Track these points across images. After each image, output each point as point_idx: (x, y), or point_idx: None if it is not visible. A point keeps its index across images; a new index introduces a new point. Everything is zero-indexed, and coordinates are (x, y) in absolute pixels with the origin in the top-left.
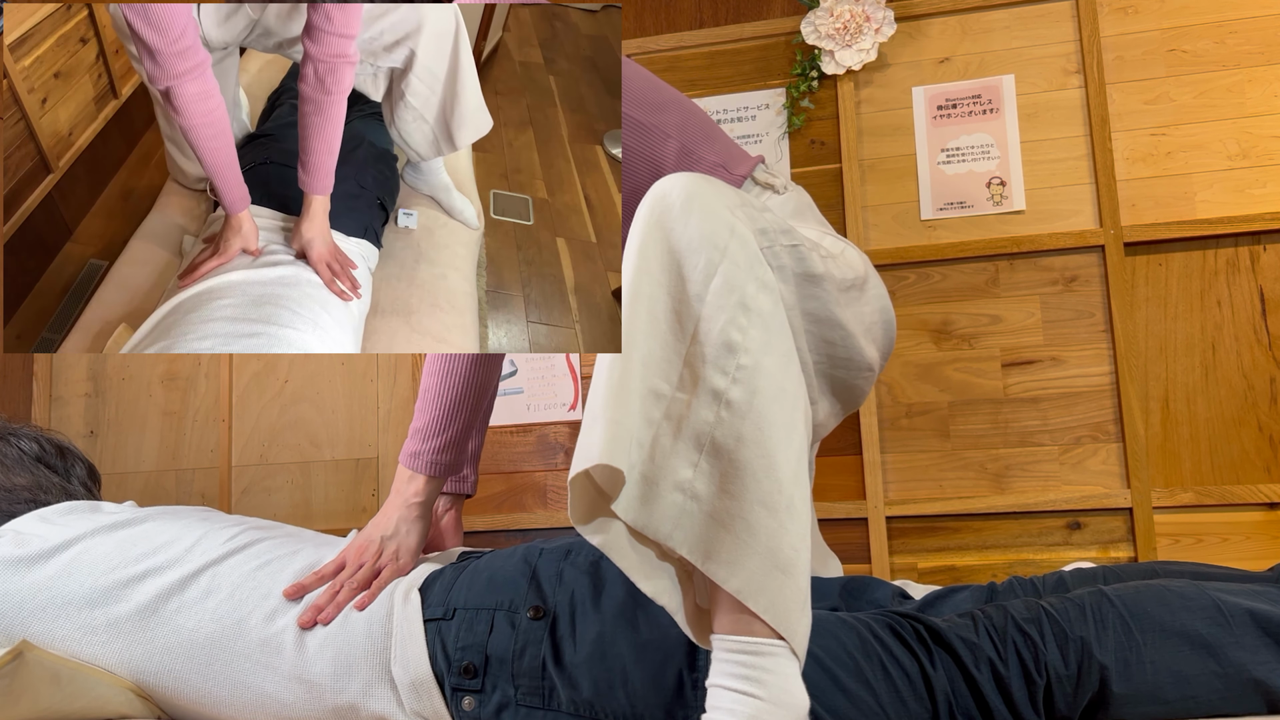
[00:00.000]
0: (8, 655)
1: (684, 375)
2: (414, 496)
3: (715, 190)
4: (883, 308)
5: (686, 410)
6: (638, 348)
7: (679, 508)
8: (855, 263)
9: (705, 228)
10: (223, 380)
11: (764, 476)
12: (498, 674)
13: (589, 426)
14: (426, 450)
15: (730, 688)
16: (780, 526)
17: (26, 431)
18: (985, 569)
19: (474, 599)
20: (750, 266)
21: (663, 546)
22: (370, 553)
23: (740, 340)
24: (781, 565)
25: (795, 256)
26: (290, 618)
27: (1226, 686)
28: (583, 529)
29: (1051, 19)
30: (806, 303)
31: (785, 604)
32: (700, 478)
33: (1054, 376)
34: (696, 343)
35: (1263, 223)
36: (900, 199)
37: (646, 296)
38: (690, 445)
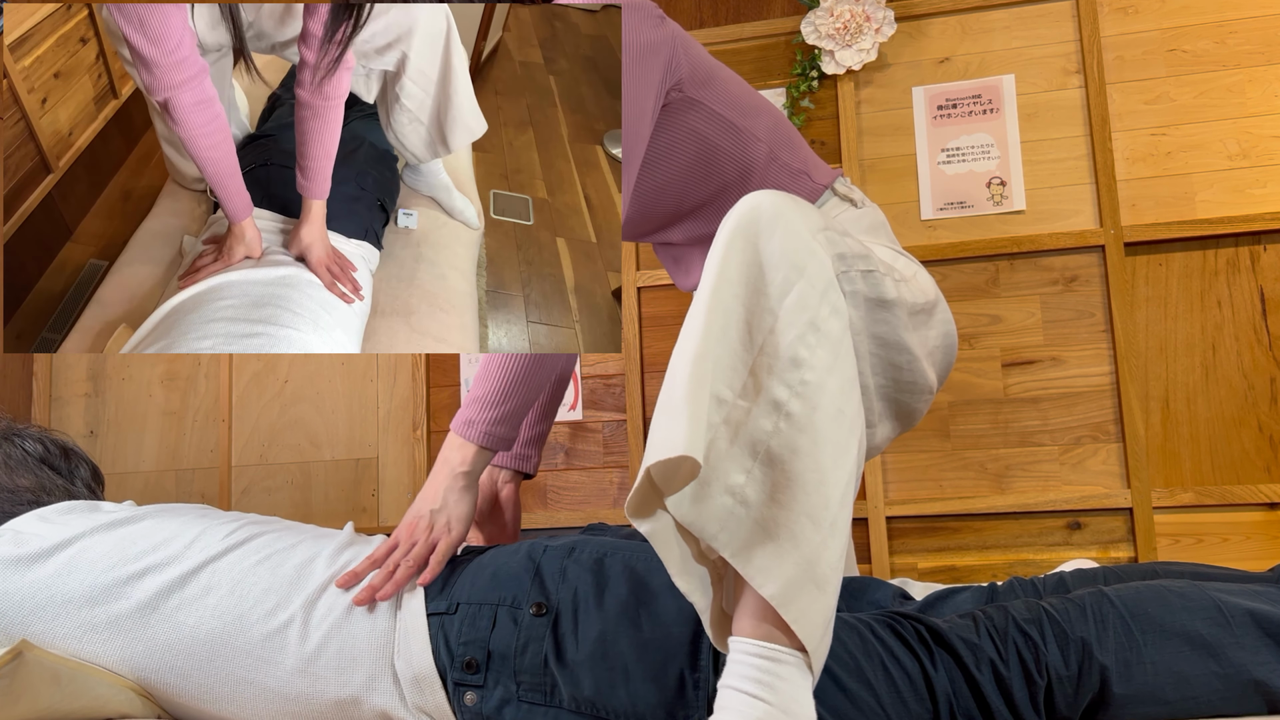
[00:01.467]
0: (7, 655)
1: (747, 384)
2: (460, 465)
3: (801, 212)
4: (947, 332)
5: (746, 417)
6: (710, 350)
7: (727, 510)
8: (927, 287)
9: (787, 246)
10: (223, 380)
11: (814, 491)
12: (500, 670)
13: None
14: (483, 420)
15: (742, 689)
16: (823, 542)
17: (31, 432)
18: (985, 569)
19: (477, 594)
20: (824, 291)
21: (704, 545)
22: (421, 528)
23: (807, 357)
24: (817, 580)
25: (870, 282)
26: (290, 613)
27: (1227, 687)
28: (635, 520)
29: (1051, 19)
30: (876, 327)
31: (815, 618)
32: (752, 484)
33: (1054, 376)
34: (764, 354)
35: (1263, 223)
36: (900, 199)
37: (724, 303)
38: (745, 452)
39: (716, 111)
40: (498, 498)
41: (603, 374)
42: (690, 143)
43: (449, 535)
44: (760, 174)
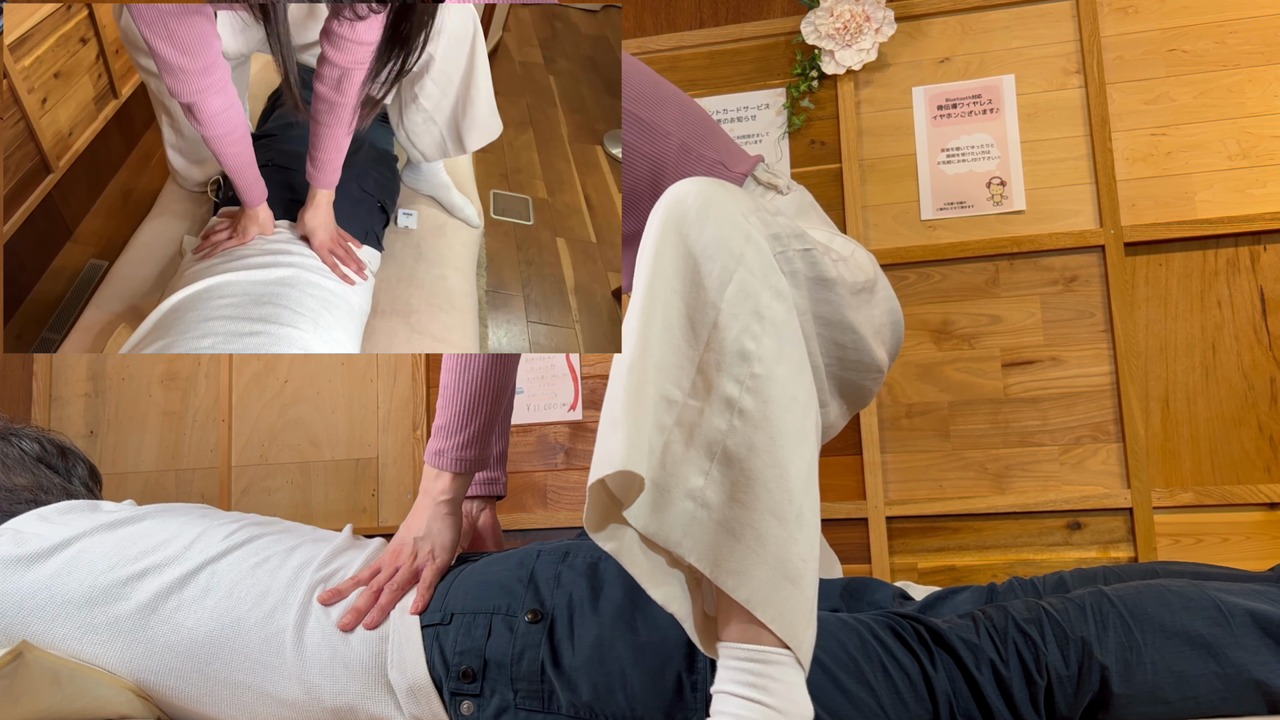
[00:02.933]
0: (7, 655)
1: (696, 382)
2: (441, 494)
3: (731, 196)
4: (891, 309)
5: (699, 418)
6: (652, 353)
7: (689, 515)
8: (865, 265)
9: (721, 233)
10: (223, 380)
11: (775, 486)
12: (496, 678)
13: (608, 432)
14: (450, 447)
15: (736, 694)
16: (790, 537)
17: (28, 432)
18: (985, 569)
19: (471, 603)
20: (765, 274)
21: (673, 554)
22: (405, 555)
23: (754, 349)
24: (790, 575)
25: (808, 261)
26: (287, 617)
27: (1227, 687)
28: (596, 536)
29: (1051, 19)
30: (819, 306)
31: (792, 614)
32: (711, 486)
33: (1054, 376)
34: (710, 350)
35: (1263, 223)
36: (900, 199)
37: (661, 301)
38: (702, 453)
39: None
40: (475, 528)
41: (603, 374)
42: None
43: (434, 562)
44: (674, 168)
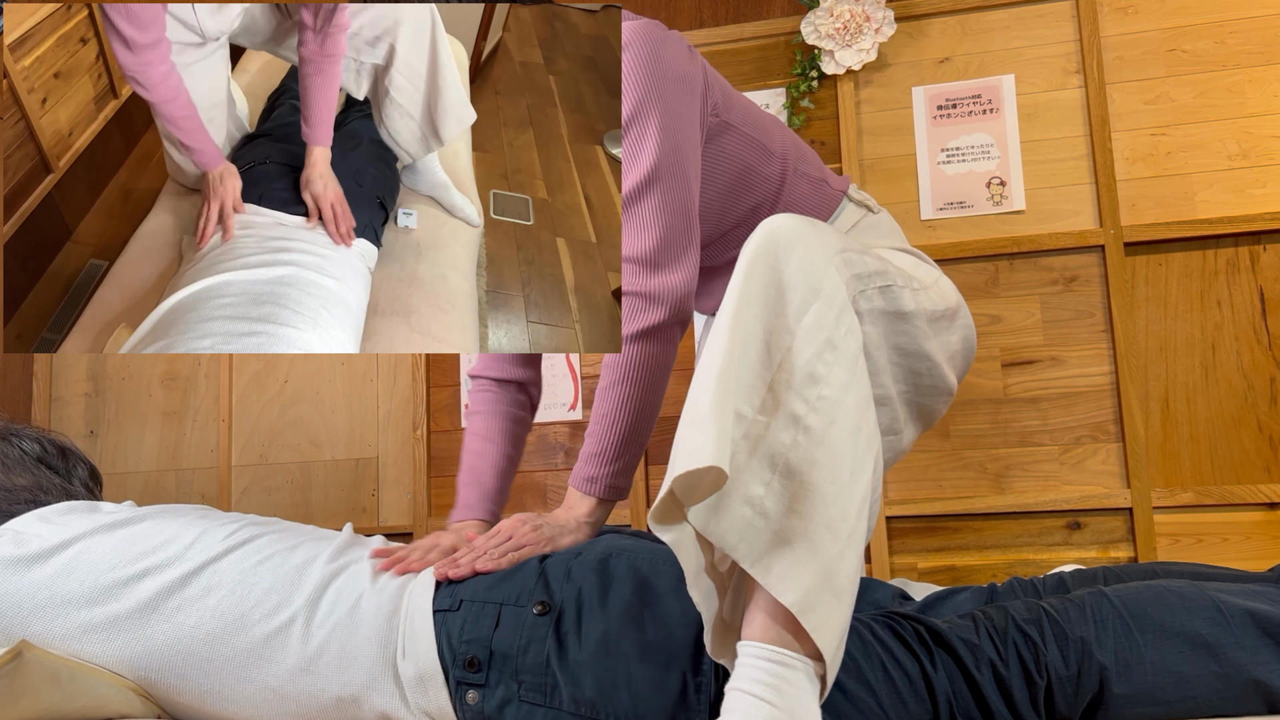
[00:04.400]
0: (7, 655)
1: (766, 400)
2: (586, 516)
3: (820, 237)
4: (967, 335)
5: (765, 432)
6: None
7: (746, 521)
8: (948, 292)
9: (805, 268)
10: (223, 380)
11: (832, 502)
12: (501, 669)
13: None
14: (604, 475)
15: (750, 691)
16: (841, 553)
17: (28, 432)
18: (985, 569)
19: (481, 592)
20: (839, 314)
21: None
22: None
23: (824, 374)
24: (836, 590)
25: (888, 297)
26: (293, 611)
27: (1226, 687)
28: (657, 527)
29: (1051, 19)
30: (896, 338)
31: (833, 627)
32: (771, 496)
33: (1054, 376)
34: (782, 370)
35: (1263, 223)
36: (900, 199)
37: (744, 323)
38: (765, 464)
39: (744, 132)
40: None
41: None
42: (726, 165)
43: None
44: (789, 187)
